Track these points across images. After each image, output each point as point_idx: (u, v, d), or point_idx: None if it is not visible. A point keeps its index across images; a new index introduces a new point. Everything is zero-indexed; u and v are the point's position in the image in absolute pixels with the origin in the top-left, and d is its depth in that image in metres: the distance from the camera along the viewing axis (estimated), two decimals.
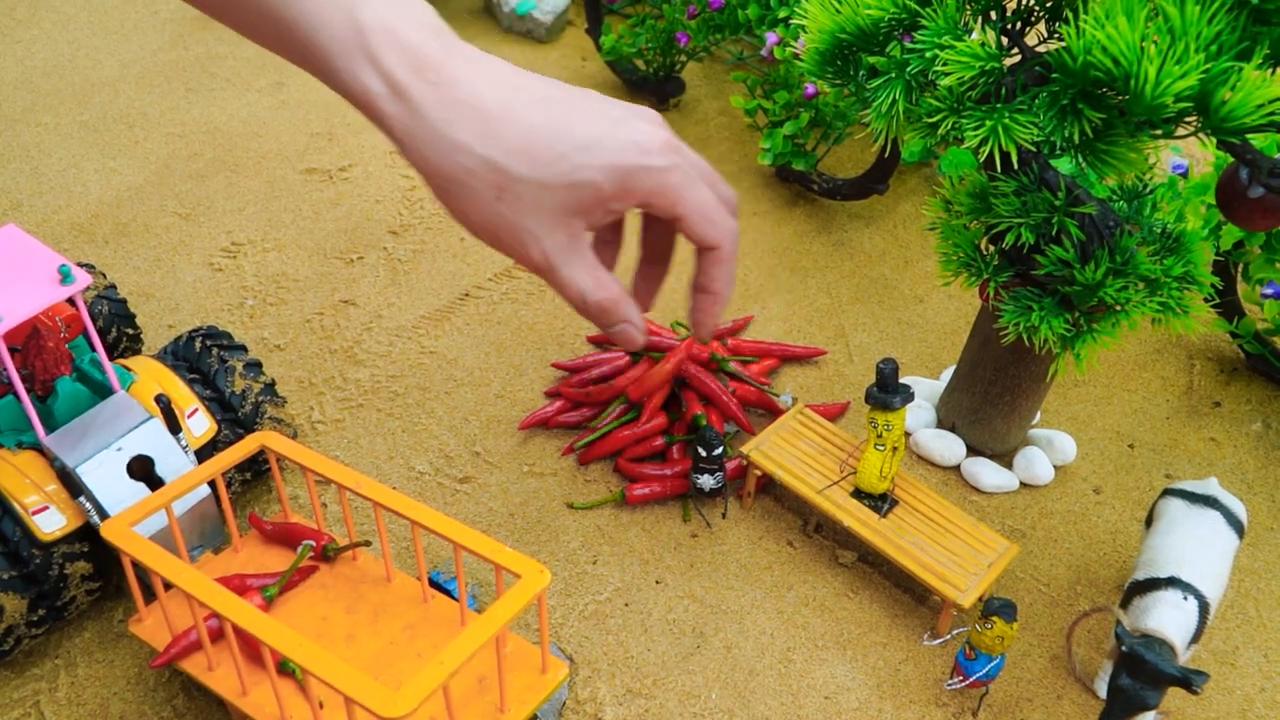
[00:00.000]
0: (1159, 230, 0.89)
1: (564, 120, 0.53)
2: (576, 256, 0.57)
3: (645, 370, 1.12)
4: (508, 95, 0.52)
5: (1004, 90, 0.76)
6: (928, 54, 0.76)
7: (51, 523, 0.85)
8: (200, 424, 0.93)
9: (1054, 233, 0.84)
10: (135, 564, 0.75)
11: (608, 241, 0.60)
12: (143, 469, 0.87)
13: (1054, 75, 0.73)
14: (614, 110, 0.56)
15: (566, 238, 0.55)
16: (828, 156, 1.51)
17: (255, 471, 1.00)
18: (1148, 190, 0.92)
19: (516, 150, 0.52)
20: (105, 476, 0.85)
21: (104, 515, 0.84)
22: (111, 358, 1.04)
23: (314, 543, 0.87)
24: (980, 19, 0.80)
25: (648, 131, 0.54)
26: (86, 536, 0.87)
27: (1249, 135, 0.71)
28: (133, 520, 0.77)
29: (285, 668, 0.77)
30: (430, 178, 0.52)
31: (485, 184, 0.53)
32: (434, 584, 0.89)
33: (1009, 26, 0.80)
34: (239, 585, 0.85)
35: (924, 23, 0.77)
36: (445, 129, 0.51)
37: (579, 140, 0.53)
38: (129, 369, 0.93)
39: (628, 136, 0.54)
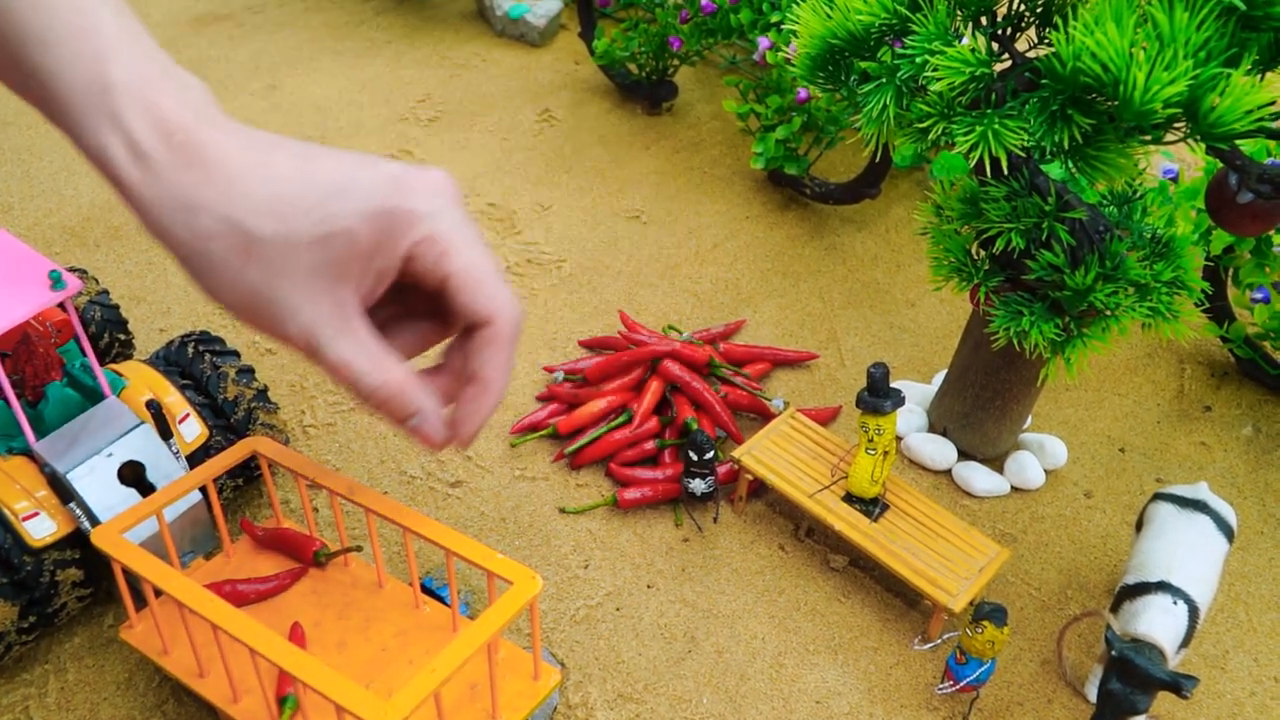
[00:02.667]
0: (1149, 235, 0.89)
1: (317, 170, 0.46)
2: (345, 332, 0.48)
3: (642, 373, 1.12)
4: (259, 155, 0.46)
5: (994, 96, 0.76)
6: (918, 59, 0.76)
7: (42, 529, 0.84)
8: (192, 429, 0.93)
9: (1044, 238, 0.84)
10: (126, 570, 0.75)
11: (401, 319, 0.52)
12: (134, 475, 0.87)
13: (1044, 81, 0.73)
14: (375, 158, 0.48)
15: (330, 308, 0.47)
16: (820, 161, 1.51)
17: (247, 477, 1.00)
18: (1138, 195, 0.92)
19: (261, 208, 0.45)
20: (96, 482, 0.85)
21: (95, 521, 0.84)
22: (103, 363, 1.04)
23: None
24: (971, 24, 0.80)
25: (414, 171, 0.47)
26: (77, 543, 0.87)
27: (1238, 141, 0.71)
28: (123, 526, 0.77)
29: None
30: (174, 248, 0.46)
31: (229, 248, 0.46)
32: (426, 590, 0.88)
33: (999, 32, 0.81)
34: (231, 591, 0.85)
35: (915, 28, 0.77)
36: (185, 191, 0.45)
37: (330, 186, 0.46)
38: (120, 374, 0.93)
39: (386, 173, 0.47)
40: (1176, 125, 0.70)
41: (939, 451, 1.08)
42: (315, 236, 0.46)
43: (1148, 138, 0.72)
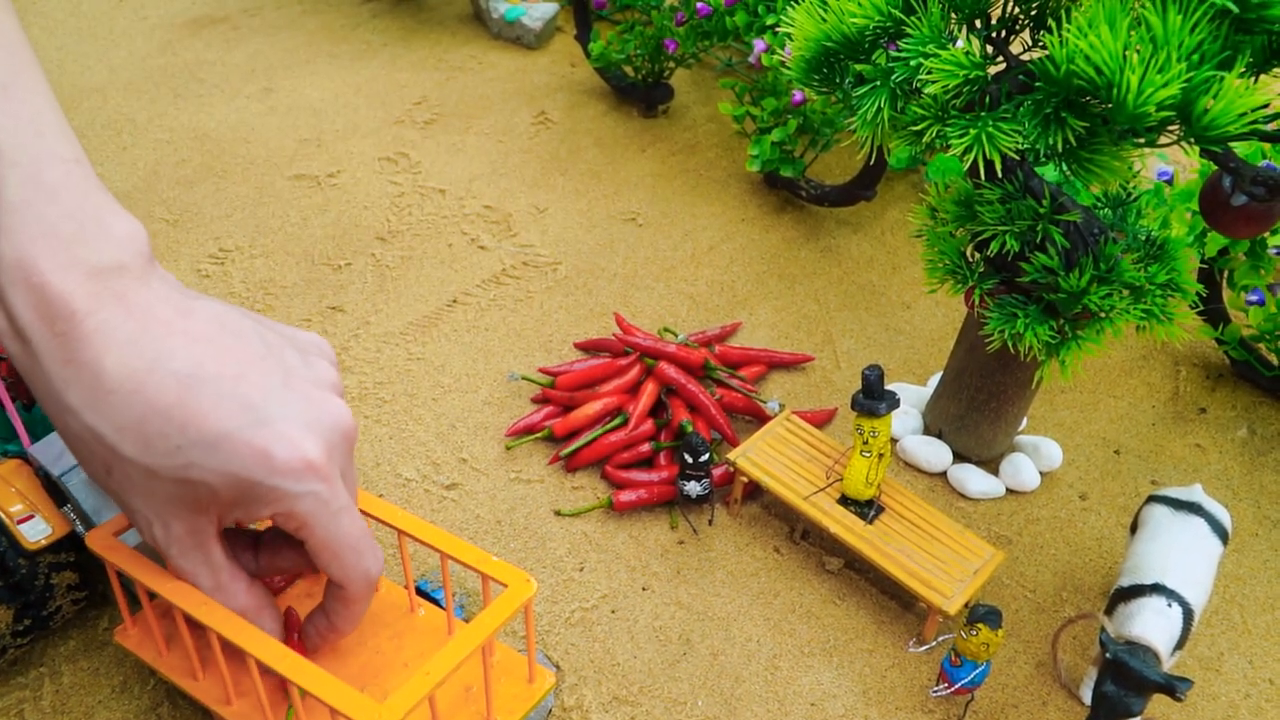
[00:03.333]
0: (1143, 237, 0.89)
1: (194, 407, 0.45)
2: (196, 551, 0.53)
3: (637, 375, 1.12)
4: (141, 365, 0.45)
5: (988, 98, 0.76)
6: (913, 62, 0.76)
7: (37, 532, 0.84)
8: None
9: (1039, 240, 0.84)
10: (120, 574, 0.75)
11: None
12: None
13: (1038, 84, 0.73)
14: (275, 398, 0.47)
15: (184, 530, 0.51)
16: (815, 163, 1.51)
17: None
18: (1132, 198, 0.92)
19: (128, 429, 0.45)
20: (91, 485, 0.85)
21: (89, 524, 0.84)
22: None
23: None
24: (965, 27, 0.80)
25: (292, 442, 0.47)
26: (72, 546, 0.87)
27: (1232, 143, 0.71)
28: (118, 529, 0.77)
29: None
30: (51, 421, 0.47)
31: (93, 454, 0.47)
32: (421, 593, 0.88)
33: (993, 35, 0.81)
34: None
35: (909, 31, 0.77)
36: (59, 387, 0.45)
37: (200, 435, 0.46)
38: None
39: (261, 445, 0.46)
40: (1170, 128, 0.71)
41: (934, 454, 1.08)
42: (177, 478, 0.47)
43: (1141, 140, 0.73)
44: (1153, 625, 0.80)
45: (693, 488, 0.99)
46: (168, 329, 0.45)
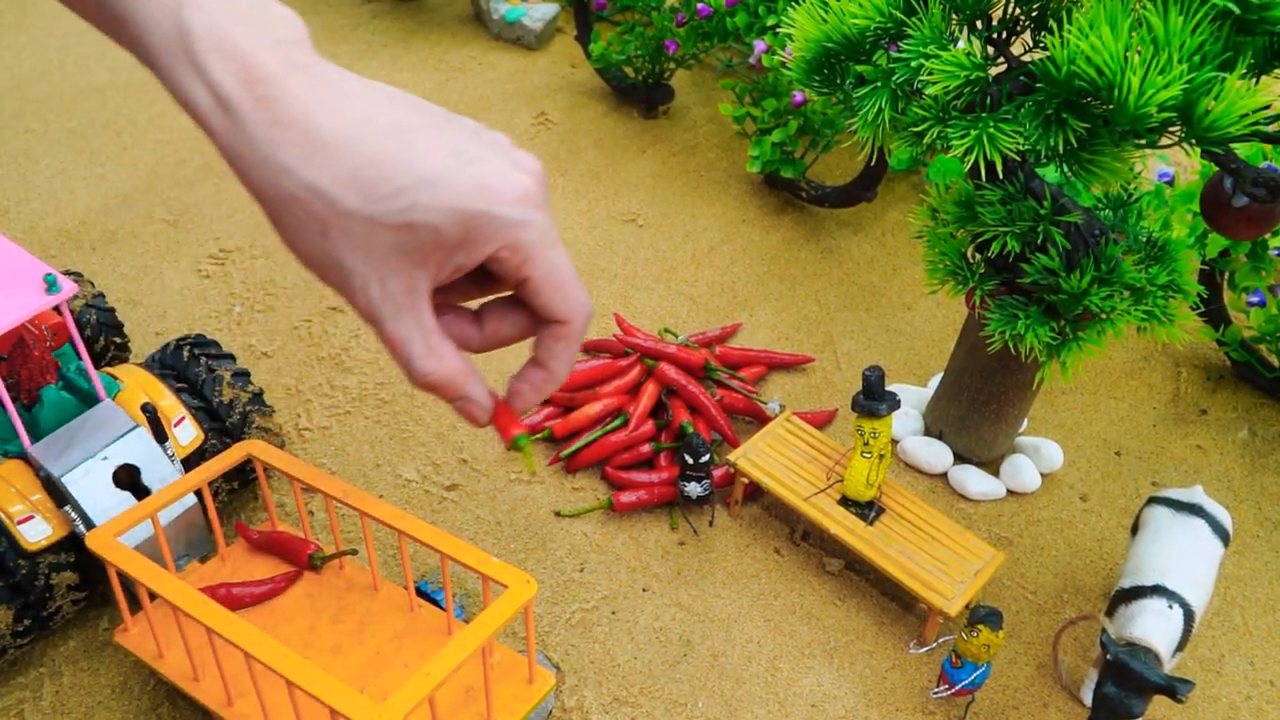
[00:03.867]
0: (1144, 239, 0.89)
1: (409, 151, 0.46)
2: (410, 313, 0.49)
3: (638, 376, 1.12)
4: (350, 118, 0.46)
5: (989, 99, 0.76)
6: (913, 63, 0.76)
7: (37, 532, 0.84)
8: (187, 433, 0.93)
9: (1040, 241, 0.84)
10: (121, 574, 0.75)
11: (463, 308, 0.52)
12: (129, 478, 0.87)
13: (1039, 85, 0.73)
14: (477, 146, 0.48)
15: (401, 288, 0.48)
16: (816, 164, 1.51)
17: (242, 480, 1.00)
18: (1133, 199, 0.92)
19: (346, 179, 0.45)
20: (91, 486, 0.85)
21: (90, 525, 0.84)
22: (99, 366, 1.04)
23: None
24: (966, 28, 0.80)
25: (506, 176, 0.47)
26: (72, 546, 0.87)
27: (1232, 144, 0.71)
28: (118, 530, 0.77)
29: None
30: (258, 200, 0.46)
31: (310, 214, 0.46)
32: (421, 593, 0.88)
33: (994, 36, 0.81)
34: (225, 595, 0.85)
35: (910, 32, 0.77)
36: (270, 149, 0.45)
37: (421, 174, 0.46)
38: (116, 377, 0.93)
39: (480, 177, 0.46)
40: (1171, 129, 0.70)
41: (935, 455, 1.08)
42: (400, 222, 0.46)
43: (1143, 141, 0.72)
44: (1154, 627, 0.80)
45: (693, 489, 0.99)
46: (364, 89, 0.47)
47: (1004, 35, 0.81)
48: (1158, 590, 0.82)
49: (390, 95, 0.48)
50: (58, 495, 0.85)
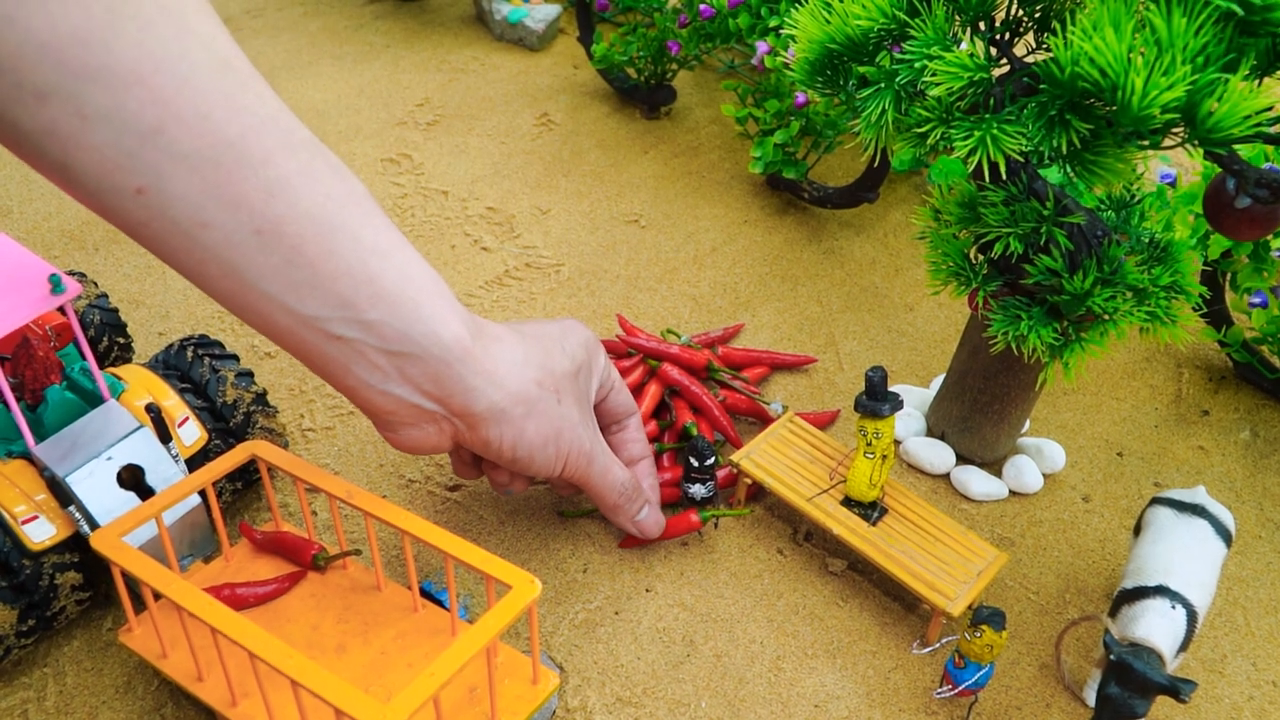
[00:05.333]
0: (1147, 240, 0.89)
1: (539, 330, 0.72)
2: (599, 442, 0.76)
3: (640, 377, 1.12)
4: (509, 333, 0.71)
5: (992, 101, 0.76)
6: (917, 64, 0.76)
7: (41, 532, 0.84)
8: (191, 433, 0.93)
9: (1042, 242, 0.84)
10: (125, 574, 0.75)
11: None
12: (133, 478, 0.87)
13: (1042, 86, 0.73)
14: (549, 322, 0.77)
15: (594, 427, 0.74)
16: (818, 165, 1.51)
17: (246, 480, 1.00)
18: (1136, 200, 0.92)
19: (541, 362, 0.69)
20: (95, 486, 0.85)
21: (94, 525, 0.84)
22: (102, 366, 1.04)
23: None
24: (969, 30, 0.80)
25: (577, 328, 0.76)
26: (76, 546, 0.87)
27: (1236, 146, 0.71)
28: (122, 530, 0.77)
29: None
30: (503, 405, 0.69)
31: (547, 390, 0.69)
32: (425, 594, 0.88)
33: (997, 37, 0.81)
34: (229, 595, 0.85)
35: (913, 33, 0.77)
36: (505, 367, 0.69)
37: (556, 335, 0.72)
38: (119, 377, 0.93)
39: (574, 327, 0.75)
40: (1174, 130, 0.71)
41: (937, 455, 1.08)
42: (571, 366, 0.72)
43: (1146, 143, 0.73)
44: (1157, 627, 0.80)
45: (697, 490, 0.99)
46: (502, 326, 0.74)
47: (1007, 36, 0.81)
48: (1161, 591, 0.82)
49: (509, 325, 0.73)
50: (62, 495, 0.85)
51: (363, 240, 0.66)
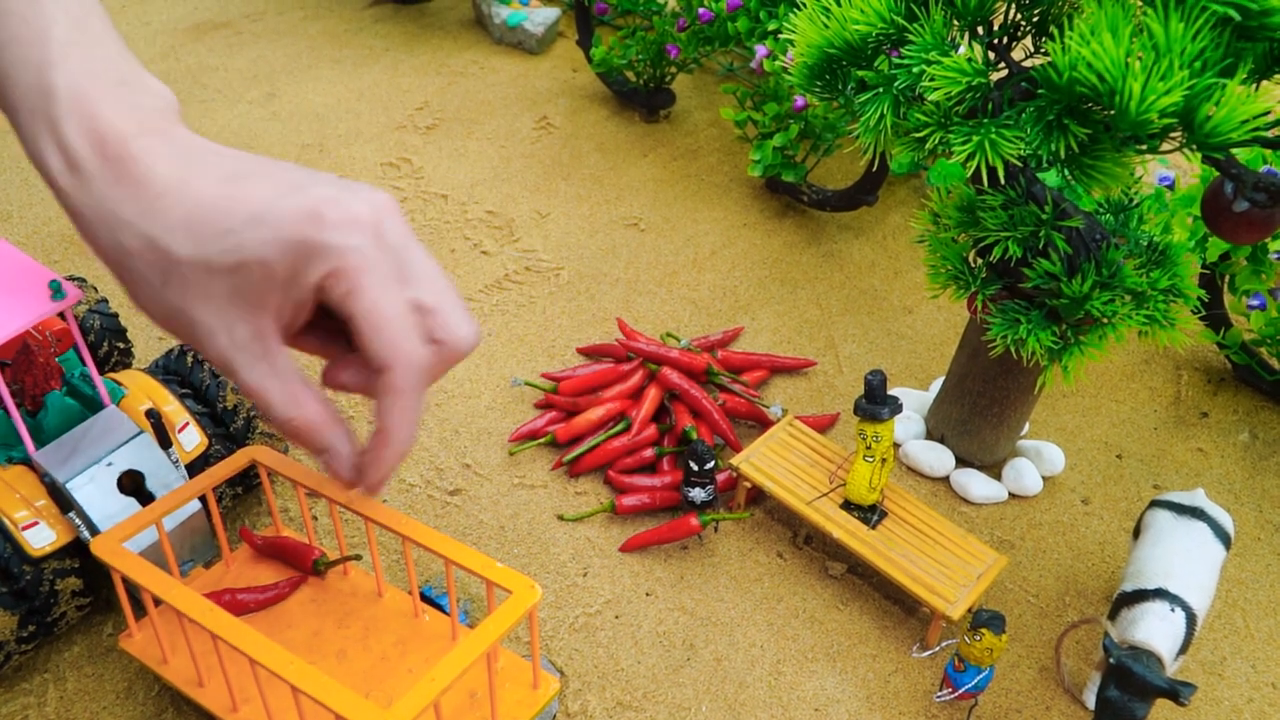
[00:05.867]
0: (1145, 243, 0.89)
1: (239, 194, 0.44)
2: (263, 360, 0.47)
3: (640, 381, 1.12)
4: (187, 171, 0.45)
5: (991, 105, 0.76)
6: (915, 69, 0.76)
7: (41, 538, 0.85)
8: (191, 438, 0.93)
9: (1041, 246, 0.84)
10: (125, 580, 0.75)
11: (335, 346, 0.50)
12: (133, 484, 0.87)
13: (1040, 90, 0.73)
14: (311, 181, 0.46)
15: (248, 334, 0.46)
16: (817, 168, 1.51)
17: (246, 485, 1.00)
18: (1134, 203, 0.92)
19: (178, 226, 0.44)
20: (95, 491, 0.85)
21: (94, 531, 0.84)
22: (102, 371, 1.04)
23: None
24: (967, 34, 0.81)
25: (336, 200, 0.44)
26: (77, 552, 0.87)
27: (1233, 150, 0.71)
28: (123, 536, 0.77)
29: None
30: (102, 259, 0.46)
31: (149, 265, 0.45)
32: (425, 598, 0.89)
33: (995, 41, 0.81)
34: (230, 600, 0.85)
35: (911, 38, 0.78)
36: (111, 205, 0.44)
37: (249, 211, 0.44)
38: (120, 383, 0.93)
39: (305, 205, 0.44)
40: (1172, 135, 0.71)
41: (937, 458, 1.08)
42: (229, 263, 0.44)
43: (1144, 147, 0.73)
44: (1156, 630, 0.80)
45: (697, 494, 0.99)
46: (213, 150, 0.47)
47: (1005, 41, 0.82)
48: (1160, 594, 0.82)
49: (240, 154, 0.46)
50: (62, 501, 0.85)
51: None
